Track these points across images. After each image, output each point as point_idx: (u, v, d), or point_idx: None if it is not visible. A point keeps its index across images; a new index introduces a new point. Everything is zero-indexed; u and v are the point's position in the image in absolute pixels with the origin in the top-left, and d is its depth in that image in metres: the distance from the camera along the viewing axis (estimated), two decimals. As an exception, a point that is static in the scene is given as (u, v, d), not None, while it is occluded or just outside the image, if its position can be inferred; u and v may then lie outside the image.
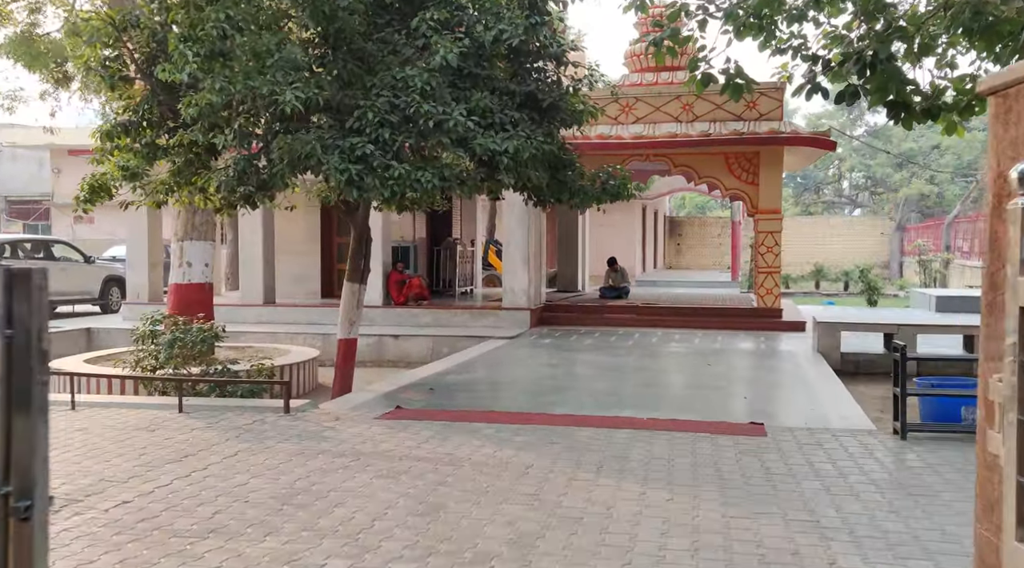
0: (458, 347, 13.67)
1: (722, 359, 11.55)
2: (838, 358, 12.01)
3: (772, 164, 15.01)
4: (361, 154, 6.72)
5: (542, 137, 7.42)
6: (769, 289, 15.14)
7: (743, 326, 14.86)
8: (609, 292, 17.73)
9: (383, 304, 15.47)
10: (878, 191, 43.97)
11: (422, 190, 6.84)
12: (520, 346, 12.85)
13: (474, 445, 6.25)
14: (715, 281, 29.63)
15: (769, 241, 15.11)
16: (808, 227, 41.31)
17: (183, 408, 7.52)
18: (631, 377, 9.83)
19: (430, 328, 14.83)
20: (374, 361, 14.10)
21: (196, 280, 11.38)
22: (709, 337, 13.86)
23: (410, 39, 7.26)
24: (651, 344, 13.03)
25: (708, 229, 41.04)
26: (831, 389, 9.15)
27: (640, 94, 15.55)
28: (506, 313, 15.07)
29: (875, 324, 12.46)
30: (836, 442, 6.48)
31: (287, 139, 6.63)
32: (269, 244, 16.02)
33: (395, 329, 14.66)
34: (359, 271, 8.88)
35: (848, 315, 16.95)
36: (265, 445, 6.28)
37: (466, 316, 15.19)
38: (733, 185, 15.25)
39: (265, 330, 14.64)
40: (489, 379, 9.77)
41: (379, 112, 6.81)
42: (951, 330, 12.25)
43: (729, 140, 14.57)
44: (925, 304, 20.13)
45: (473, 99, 7.28)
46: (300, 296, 17.31)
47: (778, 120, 14.94)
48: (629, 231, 31.03)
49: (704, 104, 15.23)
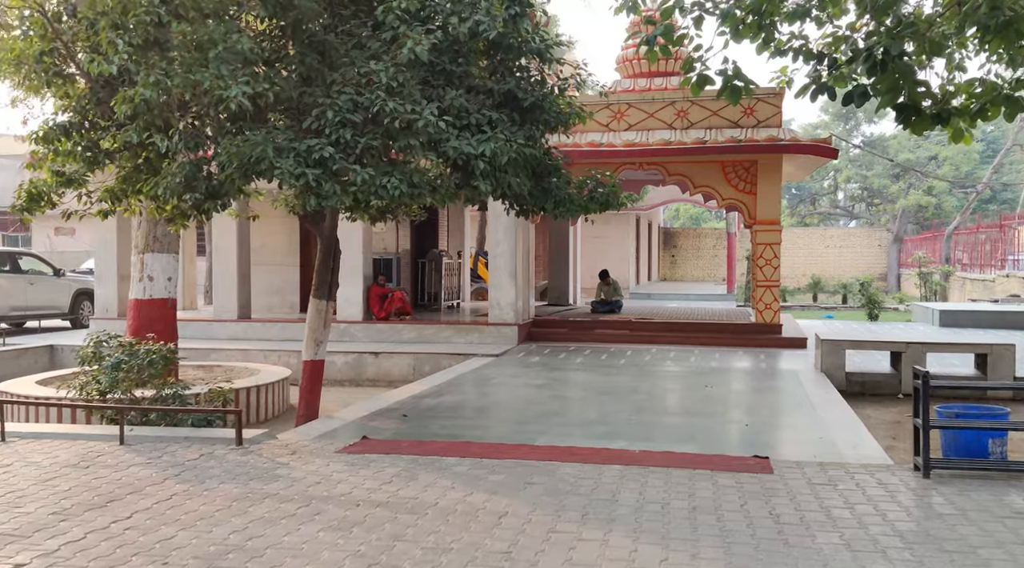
0: (441, 365, 12.95)
1: (720, 380, 10.84)
2: (843, 378, 11.31)
3: (770, 173, 14.35)
4: (319, 157, 6.01)
5: (523, 140, 6.72)
6: (768, 304, 14.45)
7: (741, 343, 14.16)
8: (601, 306, 17.03)
9: (364, 319, 14.74)
10: (875, 202, 43.42)
11: (388, 197, 6.13)
12: (506, 365, 12.12)
13: (443, 486, 5.51)
14: (711, 294, 28.96)
15: (768, 253, 14.42)
16: (804, 239, 40.74)
17: (125, 439, 6.77)
18: (623, 400, 9.10)
19: (413, 345, 14.10)
20: (352, 380, 13.37)
21: (158, 295, 10.62)
22: (706, 355, 13.15)
23: (377, 32, 6.56)
24: (645, 363, 12.31)
25: (703, 241, 40.41)
26: (839, 414, 8.44)
27: (633, 100, 14.89)
28: (492, 329, 14.35)
29: (882, 342, 11.76)
30: (851, 481, 5.76)
31: (235, 141, 5.91)
32: (244, 255, 15.29)
33: (375, 346, 13.92)
34: (326, 286, 8.15)
35: (852, 331, 16.29)
36: (206, 486, 5.53)
37: (450, 332, 14.46)
38: (730, 195, 14.57)
39: (239, 347, 13.89)
40: (469, 403, 9.03)
41: (340, 111, 6.10)
42: (961, 348, 11.55)
43: (725, 148, 13.90)
44: (928, 318, 19.49)
45: (447, 98, 6.59)
46: (279, 310, 16.56)
47: (777, 127, 14.29)
48: (622, 242, 30.38)
49: (699, 110, 14.58)
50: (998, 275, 24.61)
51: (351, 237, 14.55)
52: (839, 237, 40.89)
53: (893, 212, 39.56)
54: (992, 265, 26.91)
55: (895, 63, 7.43)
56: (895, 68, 7.49)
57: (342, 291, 14.74)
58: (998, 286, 24.00)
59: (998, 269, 25.96)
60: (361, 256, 14.64)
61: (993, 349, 11.04)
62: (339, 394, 12.48)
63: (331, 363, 13.36)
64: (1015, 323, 17.65)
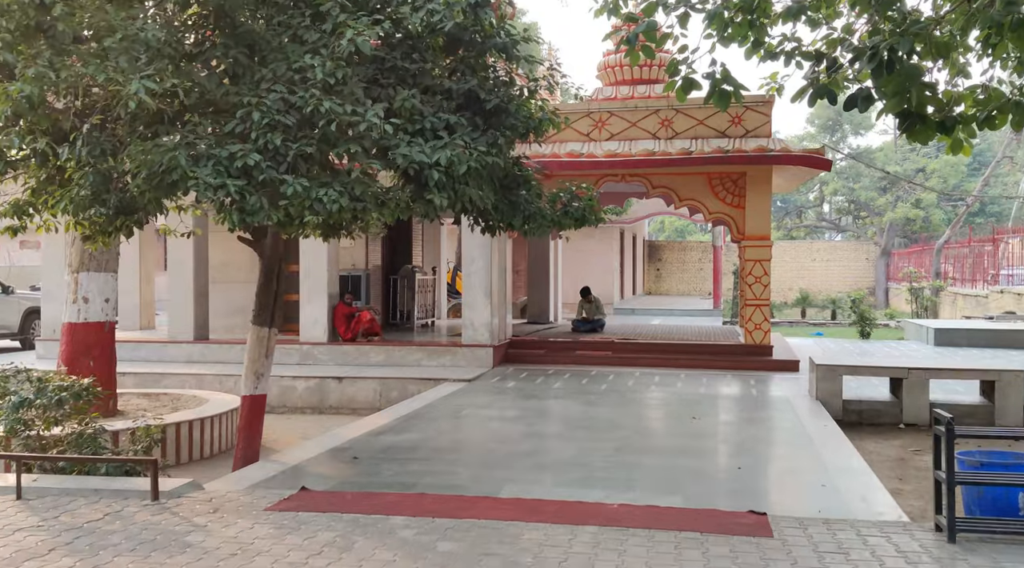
0: (409, 391, 12.05)
1: (708, 410, 9.98)
2: (839, 406, 10.50)
3: (760, 185, 13.56)
4: (243, 166, 5.13)
5: (485, 147, 5.85)
6: (758, 324, 13.63)
7: (730, 365, 13.33)
8: (582, 325, 16.17)
9: (329, 340, 13.81)
10: (862, 215, 42.88)
11: (325, 212, 5.24)
12: (478, 392, 11.22)
13: (382, 560, 4.61)
14: (696, 309, 28.18)
15: (757, 271, 13.62)
16: (791, 252, 40.11)
17: (22, 493, 5.84)
18: (602, 436, 8.23)
19: (381, 368, 13.18)
20: (314, 407, 12.44)
21: (94, 319, 9.69)
22: (692, 379, 12.31)
23: (316, 22, 5.69)
24: (628, 389, 11.45)
25: (688, 254, 39.69)
26: (841, 454, 7.59)
27: (615, 108, 14.09)
28: (466, 351, 13.45)
29: (880, 367, 10.94)
30: (864, 546, 4.90)
31: (142, 146, 5.02)
32: (202, 272, 14.34)
33: (340, 369, 13.00)
34: (268, 312, 7.25)
35: (846, 353, 15.46)
36: (98, 560, 4.61)
37: (421, 354, 13.56)
38: (717, 208, 13.77)
39: (193, 372, 12.94)
40: (431, 441, 8.12)
41: (268, 111, 5.23)
42: (967, 375, 10.75)
43: (712, 158, 13.11)
44: (922, 337, 18.75)
45: (397, 98, 5.73)
46: (241, 331, 15.54)
47: (766, 137, 13.51)
48: (606, 256, 29.59)
49: (685, 119, 13.79)
50: (991, 291, 23.95)
51: (316, 253, 13.66)
52: (826, 250, 40.29)
53: (880, 225, 39.00)
54: (985, 280, 26.26)
55: (902, 64, 6.61)
56: (902, 70, 6.66)
57: (306, 311, 13.87)
58: (992, 302, 23.33)
59: (991, 284, 25.31)
60: (326, 273, 13.73)
61: (1001, 376, 10.25)
62: (298, 423, 11.56)
63: (291, 389, 12.45)
64: (1012, 342, 16.92)
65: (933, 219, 37.22)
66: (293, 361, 13.72)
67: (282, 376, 12.54)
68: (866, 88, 6.75)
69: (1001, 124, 6.94)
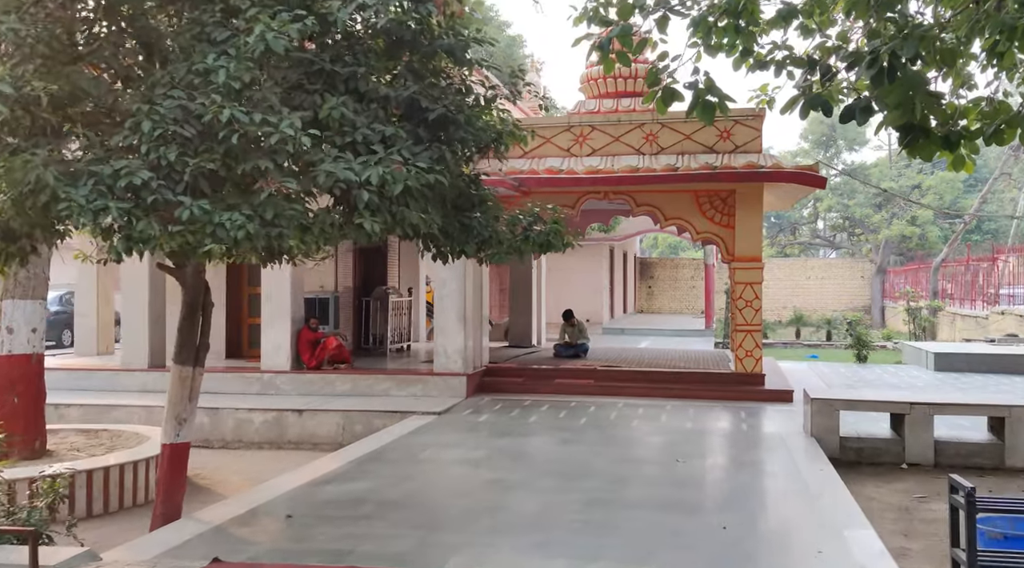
0: (374, 426, 11.19)
1: (695, 448, 9.13)
2: (836, 444, 9.67)
3: (750, 204, 12.77)
4: (130, 185, 4.29)
5: (427, 163, 5.03)
6: (749, 350, 12.79)
7: (720, 395, 12.48)
8: (565, 350, 15.31)
9: (292, 368, 12.94)
10: (857, 232, 42.17)
11: (229, 240, 4.41)
12: (445, 428, 10.36)
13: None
14: (688, 329, 27.35)
15: (748, 294, 12.80)
16: (784, 269, 39.39)
17: None
18: (573, 485, 7.38)
19: (346, 399, 12.31)
20: (272, 442, 11.56)
21: (19, 351, 8.84)
22: (679, 411, 11.46)
23: (226, 17, 4.88)
24: (608, 424, 10.60)
25: (680, 271, 38.91)
26: (840, 510, 6.74)
27: (597, 122, 13.30)
28: (438, 380, 12.60)
29: (880, 402, 10.09)
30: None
31: (4, 162, 4.19)
32: (158, 295, 13.47)
33: (303, 400, 12.13)
34: (191, 349, 6.39)
35: (842, 378, 14.63)
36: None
37: (390, 383, 12.69)
38: (705, 228, 12.97)
39: (144, 403, 12.04)
40: (381, 492, 7.23)
41: (162, 121, 4.40)
42: (974, 410, 9.91)
43: (699, 175, 12.31)
44: (920, 361, 17.93)
45: (324, 106, 4.91)
46: (202, 356, 14.71)
47: (757, 152, 12.73)
48: (595, 275, 28.79)
49: (670, 134, 13.01)
50: (992, 311, 23.18)
51: (278, 274, 12.80)
52: (821, 268, 39.58)
53: (876, 242, 38.30)
54: (985, 300, 25.49)
55: (905, 71, 5.80)
56: (905, 77, 5.84)
57: (268, 337, 13.00)
58: (992, 323, 22.55)
59: (991, 305, 24.54)
60: (289, 296, 12.88)
61: (1012, 412, 9.43)
62: (252, 462, 10.69)
63: (247, 422, 11.58)
64: (1017, 367, 16.13)
65: (929, 236, 36.53)
66: (254, 390, 12.85)
67: (237, 408, 11.68)
68: (865, 98, 5.97)
69: (1010, 139, 6.20)
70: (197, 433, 11.67)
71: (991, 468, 9.38)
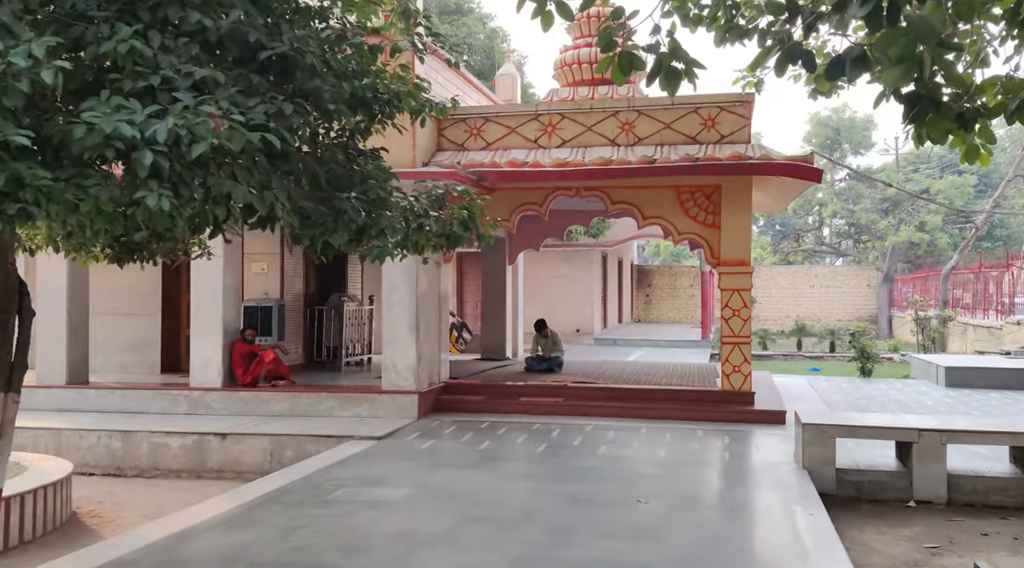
0: (306, 452, 9.82)
1: (663, 486, 7.70)
2: (832, 477, 8.26)
3: (737, 201, 11.35)
4: None
5: (260, 118, 3.65)
6: (736, 366, 11.36)
7: (703, 416, 11.05)
8: (537, 363, 13.89)
9: (225, 385, 11.55)
10: (862, 239, 40.65)
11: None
12: (379, 458, 8.95)
13: None
14: (683, 340, 25.91)
15: (735, 302, 11.37)
16: (787, 278, 37.90)
17: None
18: (503, 541, 5.95)
19: (282, 420, 10.94)
20: (192, 470, 10.18)
21: None
22: (655, 435, 10.04)
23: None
24: (570, 451, 9.18)
25: (679, 279, 37.46)
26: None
27: (567, 110, 11.91)
28: (386, 398, 11.20)
29: (883, 429, 8.63)
30: None
31: None
32: (79, 302, 12.11)
33: (232, 422, 10.75)
34: (4, 370, 4.99)
35: (843, 396, 13.16)
36: None
37: (333, 402, 11.29)
38: (687, 228, 11.56)
39: (53, 425, 10.66)
40: (258, 551, 5.78)
41: None
42: (994, 439, 8.44)
43: (679, 168, 10.89)
44: (930, 375, 16.46)
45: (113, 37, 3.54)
46: (136, 370, 13.37)
47: (744, 142, 11.32)
48: (585, 283, 27.38)
49: (649, 122, 11.61)
50: (1006, 322, 21.65)
51: (209, 279, 11.47)
52: (825, 276, 38.06)
53: (882, 249, 36.77)
54: (999, 310, 23.96)
55: (910, 18, 4.33)
56: (911, 23, 4.34)
57: (197, 350, 11.62)
58: (1006, 334, 21.04)
59: (1005, 315, 23.01)
60: (221, 304, 11.50)
61: (1041, 444, 7.99)
62: (164, 494, 9.32)
63: (163, 448, 10.20)
64: (1035, 383, 14.65)
65: (939, 243, 34.98)
66: (181, 410, 11.47)
67: (154, 431, 10.30)
68: (858, 46, 4.55)
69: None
70: (108, 459, 10.37)
71: (1015, 507, 7.93)
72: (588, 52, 13.30)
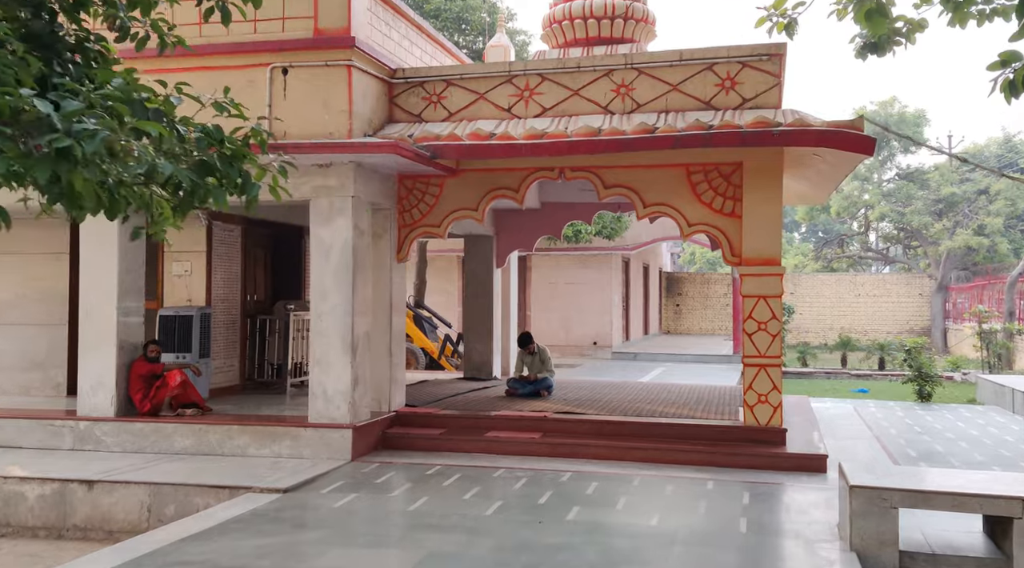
0: (191, 507, 7.53)
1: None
2: (894, 563, 5.69)
3: (764, 182, 8.79)
4: None
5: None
6: (763, 394, 8.78)
7: (719, 460, 8.52)
8: (521, 386, 11.41)
9: (118, 415, 9.26)
10: (913, 244, 37.44)
11: None
12: (270, 524, 6.56)
13: None
14: (711, 355, 23.29)
15: (762, 312, 8.80)
16: (831, 286, 34.91)
17: None
18: None
19: (182, 460, 8.66)
20: (52, 527, 7.92)
21: None
22: (649, 490, 7.52)
23: None
24: (532, 512, 6.71)
25: (712, 288, 34.70)
26: None
27: (548, 70, 9.45)
28: (313, 434, 8.82)
29: (968, 496, 5.98)
30: None
31: None
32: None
33: (114, 463, 8.47)
34: None
35: (902, 434, 10.21)
36: None
37: (248, 438, 8.95)
38: (699, 217, 9.02)
39: None
40: None
41: None
42: None
43: (688, 138, 8.34)
44: (1004, 401, 13.67)
45: None
46: (39, 391, 11.16)
47: (773, 107, 8.77)
48: (603, 290, 24.83)
49: (651, 84, 9.11)
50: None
51: (100, 276, 9.24)
52: (872, 284, 34.99)
53: (936, 256, 33.61)
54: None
55: None
56: None
57: (87, 369, 9.37)
58: (1089, 351, 18.05)
59: (1086, 328, 19.98)
60: (116, 309, 9.22)
61: None
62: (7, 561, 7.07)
63: (18, 497, 7.95)
64: None
65: (999, 248, 31.75)
66: (65, 445, 9.23)
67: (6, 478, 8.04)
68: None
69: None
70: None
71: None
72: (581, 5, 10.85)
